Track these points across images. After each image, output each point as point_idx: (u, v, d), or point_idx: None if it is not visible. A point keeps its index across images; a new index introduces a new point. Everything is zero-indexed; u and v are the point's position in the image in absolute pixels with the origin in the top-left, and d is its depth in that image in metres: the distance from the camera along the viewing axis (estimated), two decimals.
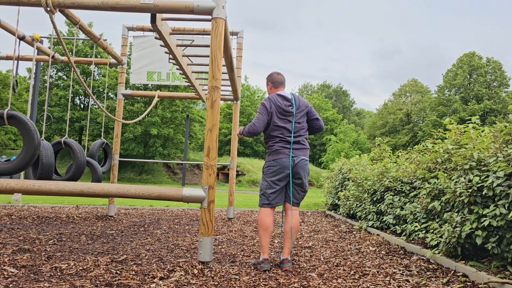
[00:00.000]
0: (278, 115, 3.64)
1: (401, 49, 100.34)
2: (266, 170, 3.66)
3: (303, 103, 3.76)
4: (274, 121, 3.63)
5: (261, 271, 3.41)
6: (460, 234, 3.62)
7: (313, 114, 3.81)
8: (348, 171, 8.63)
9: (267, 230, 3.57)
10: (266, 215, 3.59)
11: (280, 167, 3.57)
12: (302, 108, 3.73)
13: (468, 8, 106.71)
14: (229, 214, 7.43)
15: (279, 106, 3.64)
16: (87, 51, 28.11)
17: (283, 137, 3.62)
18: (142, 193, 3.61)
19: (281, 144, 3.61)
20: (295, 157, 3.59)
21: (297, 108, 3.69)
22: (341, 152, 33.17)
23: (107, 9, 3.59)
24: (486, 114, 38.03)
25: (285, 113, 3.65)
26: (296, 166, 3.58)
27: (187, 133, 25.81)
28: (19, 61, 6.74)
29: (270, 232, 3.60)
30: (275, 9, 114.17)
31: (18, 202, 8.65)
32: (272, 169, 3.60)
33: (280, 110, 3.63)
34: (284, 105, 3.66)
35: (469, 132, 4.34)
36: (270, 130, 3.67)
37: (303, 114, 3.73)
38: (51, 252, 3.85)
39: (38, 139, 4.40)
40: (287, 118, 3.66)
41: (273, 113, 3.64)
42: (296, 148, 3.62)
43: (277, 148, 3.61)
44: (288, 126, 3.64)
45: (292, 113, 3.66)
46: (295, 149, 3.62)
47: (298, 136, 3.66)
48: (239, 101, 7.72)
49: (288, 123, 3.65)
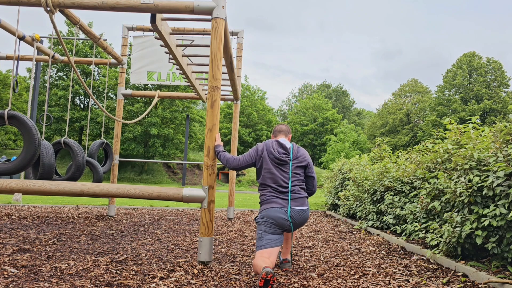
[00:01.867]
0: (272, 162, 3.40)
1: (402, 50, 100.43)
2: (259, 220, 3.38)
3: (302, 154, 3.50)
4: (268, 168, 3.39)
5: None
6: (460, 234, 3.62)
7: (311, 171, 3.55)
8: (348, 171, 8.63)
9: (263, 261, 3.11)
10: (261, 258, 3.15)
11: (272, 215, 3.28)
12: (301, 159, 3.48)
13: (469, 8, 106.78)
14: (229, 214, 7.43)
15: (271, 152, 3.41)
16: (87, 51, 28.10)
17: (275, 187, 3.36)
18: (142, 193, 3.61)
19: (273, 193, 3.36)
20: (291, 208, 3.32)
21: (294, 158, 3.44)
22: (341, 152, 33.18)
23: (107, 9, 3.59)
24: (486, 114, 38.03)
25: (279, 161, 3.40)
26: (293, 219, 3.32)
27: (187, 133, 25.81)
28: (19, 61, 6.74)
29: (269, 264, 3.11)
30: (277, 10, 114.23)
31: (19, 202, 8.65)
32: (264, 219, 3.33)
33: (271, 156, 3.40)
34: (277, 152, 3.42)
35: (469, 132, 4.34)
36: (263, 178, 3.42)
37: (300, 166, 3.47)
38: (51, 252, 3.85)
39: (39, 139, 4.40)
40: (282, 167, 3.40)
41: (265, 158, 3.42)
42: (291, 199, 3.35)
43: (269, 198, 3.36)
44: (282, 175, 3.38)
45: (287, 162, 3.41)
46: (291, 200, 3.35)
47: (294, 186, 3.39)
48: (239, 101, 7.72)
49: (282, 172, 3.39)
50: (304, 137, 43.31)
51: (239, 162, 3.52)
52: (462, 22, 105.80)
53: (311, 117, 44.39)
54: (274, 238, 3.29)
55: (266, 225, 3.31)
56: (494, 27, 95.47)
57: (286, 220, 3.30)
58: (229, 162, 3.54)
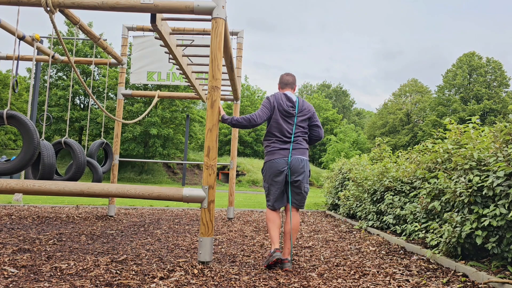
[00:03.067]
0: (280, 113, 3.64)
1: (403, 50, 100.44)
2: (264, 172, 3.69)
3: (307, 107, 3.73)
4: (276, 118, 3.64)
5: (262, 271, 3.41)
6: (460, 234, 3.62)
7: (315, 120, 3.79)
8: (348, 171, 8.63)
9: (274, 222, 3.60)
10: (272, 214, 3.64)
11: (274, 167, 3.57)
12: (305, 112, 3.71)
13: (469, 9, 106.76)
14: (229, 214, 7.43)
15: (280, 104, 3.64)
16: (87, 51, 28.10)
17: (280, 136, 3.62)
18: (142, 193, 3.61)
19: (277, 144, 3.62)
20: (291, 156, 3.58)
21: (299, 111, 3.67)
22: (341, 152, 33.20)
23: (107, 9, 3.59)
24: (485, 114, 38.03)
25: (286, 113, 3.65)
26: (292, 165, 3.57)
27: (187, 133, 25.81)
28: (19, 61, 6.73)
29: (278, 225, 3.61)
30: (278, 11, 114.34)
31: (19, 202, 8.65)
32: (267, 171, 3.63)
33: (281, 108, 3.64)
34: (286, 105, 3.65)
35: (469, 132, 4.34)
36: (270, 127, 3.67)
37: (305, 119, 3.71)
38: (51, 252, 3.85)
39: (38, 139, 4.40)
40: (288, 118, 3.65)
41: (276, 109, 3.65)
42: (293, 148, 3.61)
43: (272, 149, 3.62)
44: (287, 126, 3.63)
45: (293, 114, 3.65)
46: (292, 149, 3.60)
47: (297, 137, 3.65)
48: (239, 101, 7.72)
49: (287, 124, 3.64)
50: None
51: (261, 116, 3.63)
52: (462, 22, 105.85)
53: None
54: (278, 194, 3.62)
55: (269, 178, 3.61)
56: (494, 27, 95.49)
57: (286, 168, 3.56)
58: (252, 120, 3.61)
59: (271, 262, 3.39)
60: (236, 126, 3.70)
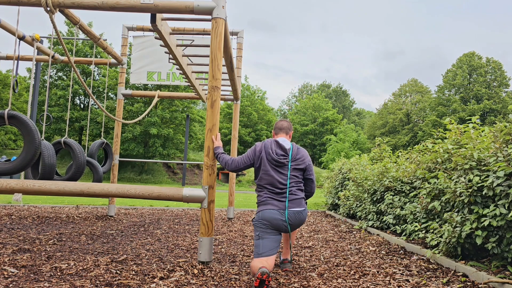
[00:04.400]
0: (269, 164, 3.32)
1: (404, 50, 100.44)
2: (255, 221, 3.31)
3: (301, 156, 3.39)
4: (265, 170, 3.32)
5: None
6: (460, 234, 3.62)
7: (310, 173, 3.47)
8: (348, 171, 8.63)
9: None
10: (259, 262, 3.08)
11: (268, 216, 3.21)
12: (299, 162, 3.37)
13: (469, 9, 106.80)
14: (229, 214, 7.43)
15: (269, 154, 3.32)
16: (87, 51, 28.10)
17: (272, 189, 3.28)
18: (142, 193, 3.61)
19: (269, 195, 3.29)
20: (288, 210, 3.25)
21: (293, 159, 3.35)
22: (341, 152, 33.20)
23: (107, 9, 3.59)
24: (485, 114, 38.03)
25: (277, 163, 3.31)
26: (290, 221, 3.25)
27: (187, 133, 25.81)
28: (19, 61, 6.74)
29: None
30: (279, 12, 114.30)
31: (19, 202, 8.65)
32: (260, 221, 3.25)
33: (269, 157, 3.31)
34: (276, 153, 3.33)
35: (469, 132, 4.34)
36: (260, 179, 3.36)
37: (299, 168, 3.37)
38: (51, 252, 3.85)
39: (39, 139, 4.40)
40: (280, 168, 3.32)
41: (263, 159, 3.34)
42: (289, 200, 3.27)
43: (266, 199, 3.30)
44: (279, 177, 3.29)
45: (285, 164, 3.32)
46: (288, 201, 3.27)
47: (291, 187, 3.31)
48: (239, 101, 7.72)
49: (280, 174, 3.30)
50: (304, 137, 43.31)
51: (237, 164, 3.46)
52: (462, 22, 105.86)
53: (311, 117, 44.39)
54: (271, 245, 3.19)
55: (262, 227, 3.23)
56: (494, 27, 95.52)
57: (283, 221, 3.22)
58: (227, 164, 3.49)
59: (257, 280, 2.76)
60: (218, 160, 3.57)
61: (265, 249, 3.16)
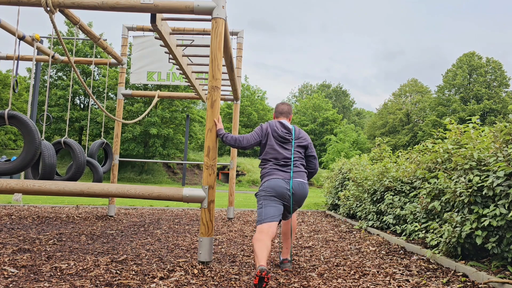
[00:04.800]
0: (275, 140, 3.50)
1: (404, 50, 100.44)
2: (260, 191, 3.42)
3: (303, 136, 3.62)
4: (271, 144, 3.49)
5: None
6: (460, 234, 3.62)
7: (312, 150, 3.64)
8: (348, 171, 8.63)
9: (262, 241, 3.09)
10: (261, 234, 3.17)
11: (274, 184, 3.33)
12: (302, 140, 3.58)
13: (469, 9, 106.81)
14: (229, 214, 7.43)
15: (275, 131, 3.51)
16: (87, 51, 28.10)
17: (277, 161, 3.44)
18: (142, 193, 3.61)
19: (274, 166, 3.43)
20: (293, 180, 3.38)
21: (296, 138, 3.56)
22: (341, 152, 33.20)
23: (107, 9, 3.59)
24: (485, 114, 38.02)
25: (282, 139, 3.51)
26: (294, 190, 3.37)
27: (187, 133, 25.81)
28: (19, 61, 6.74)
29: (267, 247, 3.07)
30: (279, 12, 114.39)
31: (19, 202, 8.65)
32: (266, 188, 3.35)
33: (275, 134, 3.50)
34: (281, 131, 3.52)
35: (469, 132, 4.34)
36: (265, 153, 3.51)
37: (301, 145, 3.57)
38: (51, 252, 3.85)
39: (39, 139, 4.40)
40: (284, 144, 3.51)
41: (269, 135, 3.51)
42: (293, 171, 3.43)
43: (271, 170, 3.43)
44: (284, 152, 3.47)
45: (289, 140, 3.52)
46: (293, 172, 3.42)
47: (295, 161, 3.49)
48: (239, 101, 7.72)
49: (285, 149, 3.48)
50: None
51: (248, 140, 3.56)
52: (462, 22, 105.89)
53: (311, 117, 44.38)
54: (273, 212, 3.30)
55: (266, 195, 3.34)
56: (494, 27, 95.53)
57: (287, 190, 3.34)
58: (238, 141, 3.56)
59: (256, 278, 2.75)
60: (225, 143, 3.60)
61: (267, 215, 3.28)
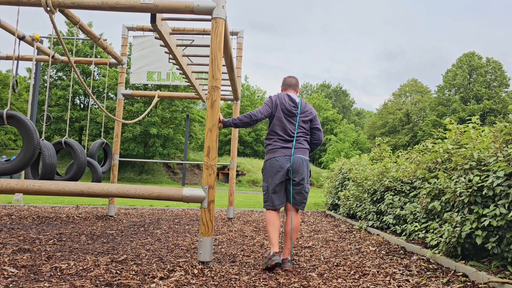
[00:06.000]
0: (282, 112, 3.66)
1: (404, 51, 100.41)
2: (264, 170, 3.69)
3: (309, 109, 3.76)
4: (279, 116, 3.65)
5: (262, 271, 3.41)
6: (460, 234, 3.62)
7: (316, 122, 3.80)
8: (348, 171, 8.63)
9: (274, 224, 3.56)
10: (271, 214, 3.61)
11: (276, 164, 3.57)
12: (307, 114, 3.73)
13: (469, 9, 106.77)
14: (229, 214, 7.43)
15: (283, 103, 3.67)
16: (87, 51, 28.10)
17: (282, 135, 3.63)
18: (142, 193, 3.61)
19: (278, 143, 3.63)
20: (294, 155, 3.59)
21: (301, 112, 3.70)
22: (341, 152, 33.21)
23: (107, 9, 3.59)
24: (485, 114, 38.02)
25: (289, 113, 3.66)
26: (294, 165, 3.57)
27: (187, 133, 25.81)
28: (19, 61, 6.73)
29: (278, 227, 3.58)
30: (280, 13, 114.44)
31: (19, 202, 8.65)
32: (268, 168, 3.63)
33: (283, 107, 3.66)
34: (289, 104, 3.68)
35: (469, 132, 4.34)
36: (272, 125, 3.68)
37: (306, 120, 3.72)
38: (51, 252, 3.85)
39: (38, 139, 4.40)
40: (290, 118, 3.67)
41: (278, 107, 3.67)
42: (295, 147, 3.62)
43: (274, 147, 3.63)
44: (289, 126, 3.65)
45: (295, 114, 3.68)
46: (294, 148, 3.62)
47: (298, 137, 3.67)
48: (239, 101, 7.72)
49: (290, 123, 3.66)
50: None
51: (262, 112, 3.67)
52: (462, 22, 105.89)
53: None
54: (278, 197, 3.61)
55: (270, 176, 3.59)
56: (494, 27, 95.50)
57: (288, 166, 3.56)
58: (253, 116, 3.65)
59: (269, 266, 3.38)
60: (238, 126, 3.71)
61: (274, 202, 3.61)
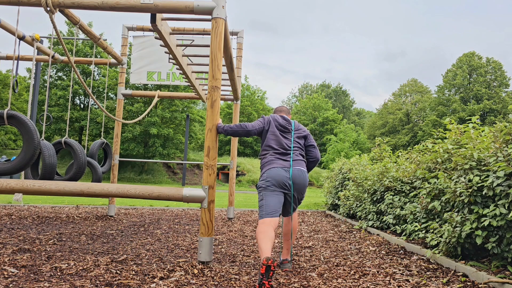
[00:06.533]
0: (276, 128, 3.62)
1: (405, 51, 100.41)
2: (261, 181, 3.47)
3: (302, 128, 3.77)
4: (273, 131, 3.61)
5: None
6: (460, 234, 3.62)
7: (311, 140, 3.76)
8: (348, 171, 8.63)
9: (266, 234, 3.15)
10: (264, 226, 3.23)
11: (275, 174, 3.40)
12: (301, 131, 3.73)
13: (469, 9, 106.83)
14: (229, 214, 7.43)
15: (276, 120, 3.66)
16: (87, 51, 28.10)
17: (278, 148, 3.54)
18: (142, 193, 3.61)
19: (274, 156, 3.51)
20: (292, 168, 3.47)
21: (295, 129, 3.70)
22: (341, 152, 33.21)
23: (107, 9, 3.59)
24: (485, 114, 38.01)
25: (283, 128, 3.64)
26: (294, 177, 3.44)
27: (187, 133, 25.81)
28: (19, 61, 6.74)
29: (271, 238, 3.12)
30: (281, 13, 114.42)
31: (19, 202, 8.65)
32: (266, 179, 3.41)
33: (276, 123, 3.64)
34: (282, 121, 3.67)
35: (469, 132, 4.34)
36: (267, 140, 3.61)
37: (301, 136, 3.70)
38: (51, 252, 3.85)
39: (38, 139, 4.40)
40: (285, 134, 3.64)
41: (271, 123, 3.64)
42: (293, 160, 3.53)
43: (271, 159, 3.50)
44: (285, 140, 3.59)
45: (290, 130, 3.66)
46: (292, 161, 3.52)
47: (295, 150, 3.60)
48: (239, 101, 7.72)
49: (285, 138, 3.61)
50: None
51: (253, 125, 3.66)
52: (462, 22, 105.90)
53: (311, 117, 44.37)
54: (274, 206, 3.36)
55: (267, 186, 3.41)
56: (494, 27, 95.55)
57: (287, 178, 3.42)
58: (244, 127, 3.64)
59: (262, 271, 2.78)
60: (229, 133, 3.67)
61: (269, 210, 3.34)
